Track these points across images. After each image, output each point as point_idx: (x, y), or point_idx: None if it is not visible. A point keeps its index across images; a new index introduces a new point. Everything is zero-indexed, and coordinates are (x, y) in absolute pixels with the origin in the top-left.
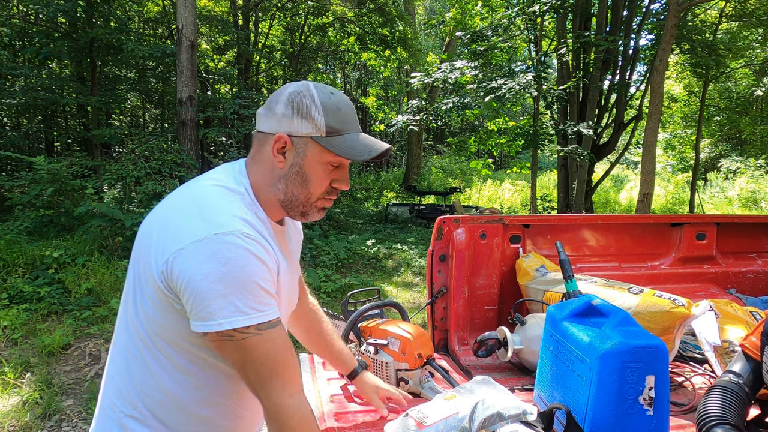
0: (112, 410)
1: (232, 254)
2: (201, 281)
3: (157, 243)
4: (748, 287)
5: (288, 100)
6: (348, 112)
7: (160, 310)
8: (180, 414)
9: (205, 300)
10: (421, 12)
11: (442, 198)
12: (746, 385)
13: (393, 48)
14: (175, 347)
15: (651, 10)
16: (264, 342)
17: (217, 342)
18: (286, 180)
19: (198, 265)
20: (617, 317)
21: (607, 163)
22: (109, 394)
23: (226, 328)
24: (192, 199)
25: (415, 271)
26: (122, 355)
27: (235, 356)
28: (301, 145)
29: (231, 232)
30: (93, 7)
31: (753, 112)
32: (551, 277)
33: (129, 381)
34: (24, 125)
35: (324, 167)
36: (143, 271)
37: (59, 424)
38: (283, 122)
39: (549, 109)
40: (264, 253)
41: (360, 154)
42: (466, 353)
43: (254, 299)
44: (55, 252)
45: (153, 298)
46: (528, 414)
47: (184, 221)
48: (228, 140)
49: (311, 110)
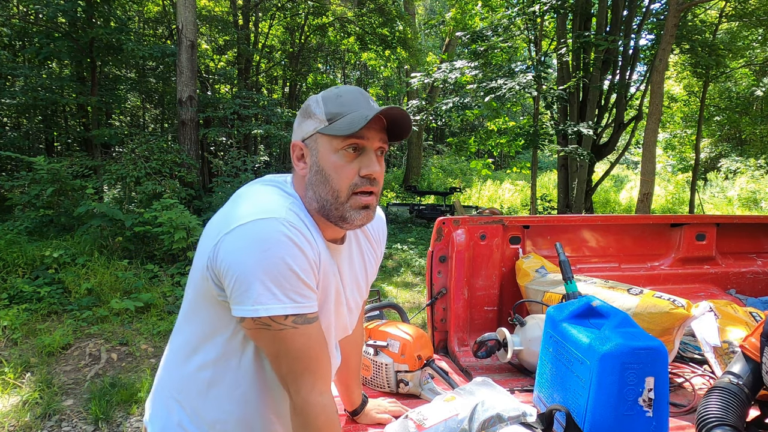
0: (163, 389)
1: (275, 240)
2: (242, 265)
3: (206, 235)
4: (747, 288)
5: (300, 111)
6: (351, 97)
7: (204, 302)
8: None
9: (243, 284)
10: (421, 12)
11: (442, 198)
12: (746, 386)
13: (393, 48)
14: (214, 342)
15: (651, 10)
16: (300, 336)
17: (254, 330)
18: (312, 185)
19: (240, 249)
20: (617, 318)
21: (607, 163)
22: (163, 375)
23: (262, 315)
24: (246, 195)
25: (415, 271)
26: (172, 346)
27: (271, 347)
28: (312, 144)
29: (276, 218)
30: (93, 7)
31: (753, 112)
32: (551, 278)
33: (175, 367)
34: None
35: (339, 157)
36: (196, 264)
37: (59, 424)
38: (297, 131)
39: (549, 109)
40: (306, 245)
41: (358, 123)
42: (466, 354)
43: (291, 288)
44: (55, 252)
45: (198, 288)
46: (528, 415)
47: (233, 210)
48: (228, 140)
49: (314, 108)
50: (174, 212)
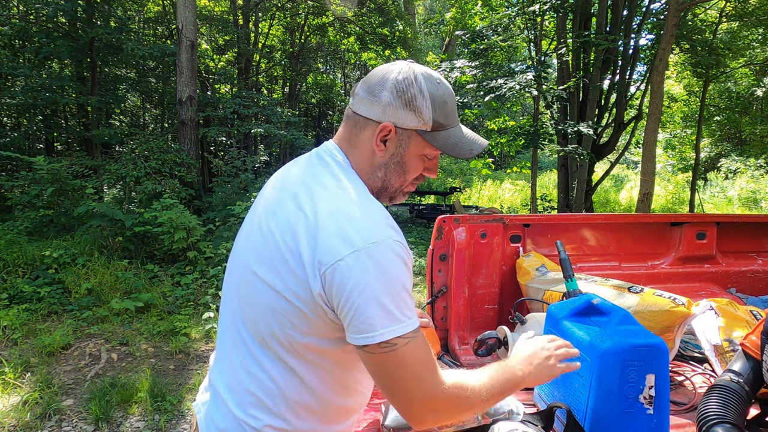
0: (249, 426)
1: (390, 263)
2: (362, 293)
3: (303, 250)
4: (748, 286)
5: (396, 88)
6: (452, 105)
7: (306, 317)
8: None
9: (366, 311)
10: (421, 12)
11: (442, 198)
12: (746, 384)
13: (393, 48)
14: (310, 352)
15: (651, 10)
16: (418, 345)
17: (377, 355)
18: (386, 169)
19: (359, 276)
20: (617, 316)
21: (607, 162)
22: (245, 406)
23: (387, 338)
24: (342, 199)
25: (415, 270)
26: (259, 366)
27: (394, 364)
28: (404, 137)
29: (385, 241)
30: (93, 6)
31: (753, 112)
32: (551, 276)
33: (276, 391)
34: (24, 125)
35: (422, 159)
36: (283, 279)
37: (59, 424)
38: (388, 111)
39: (549, 109)
40: (408, 258)
41: (462, 152)
42: (467, 352)
43: (407, 307)
44: (55, 252)
45: (299, 305)
46: (515, 415)
47: (336, 229)
48: (228, 140)
49: (420, 103)
50: (174, 212)
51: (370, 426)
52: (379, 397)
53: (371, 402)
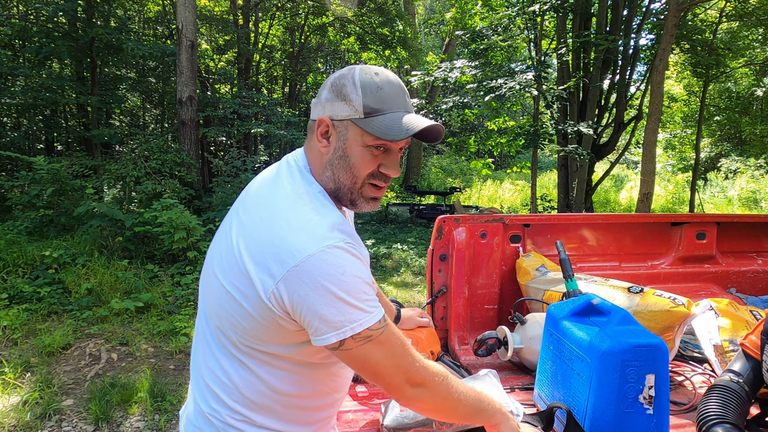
0: (215, 418)
1: (346, 263)
2: (323, 296)
3: (255, 256)
4: (748, 287)
5: (331, 84)
6: (391, 92)
7: (261, 325)
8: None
9: (330, 311)
10: (421, 12)
11: (442, 198)
12: (746, 384)
13: (393, 48)
14: (276, 356)
15: (651, 10)
16: (391, 334)
17: (352, 350)
18: (332, 166)
19: (316, 280)
20: (617, 316)
21: (607, 162)
22: (208, 400)
23: (358, 330)
24: (283, 210)
25: (415, 270)
26: (216, 362)
27: (376, 354)
28: (342, 128)
29: (338, 243)
30: (93, 6)
31: (753, 112)
32: (551, 276)
33: (231, 387)
34: (24, 125)
35: (367, 151)
36: (234, 283)
37: (59, 424)
38: (327, 107)
39: (549, 109)
40: (363, 251)
41: (396, 134)
42: (467, 353)
43: (369, 297)
44: (55, 252)
45: (252, 312)
46: (514, 415)
47: (287, 235)
48: (228, 140)
49: (349, 92)
50: (174, 212)
51: (370, 426)
52: (380, 397)
53: (371, 402)
